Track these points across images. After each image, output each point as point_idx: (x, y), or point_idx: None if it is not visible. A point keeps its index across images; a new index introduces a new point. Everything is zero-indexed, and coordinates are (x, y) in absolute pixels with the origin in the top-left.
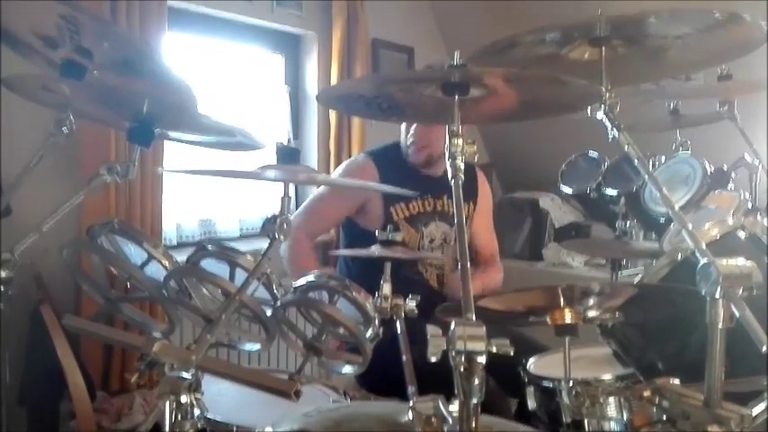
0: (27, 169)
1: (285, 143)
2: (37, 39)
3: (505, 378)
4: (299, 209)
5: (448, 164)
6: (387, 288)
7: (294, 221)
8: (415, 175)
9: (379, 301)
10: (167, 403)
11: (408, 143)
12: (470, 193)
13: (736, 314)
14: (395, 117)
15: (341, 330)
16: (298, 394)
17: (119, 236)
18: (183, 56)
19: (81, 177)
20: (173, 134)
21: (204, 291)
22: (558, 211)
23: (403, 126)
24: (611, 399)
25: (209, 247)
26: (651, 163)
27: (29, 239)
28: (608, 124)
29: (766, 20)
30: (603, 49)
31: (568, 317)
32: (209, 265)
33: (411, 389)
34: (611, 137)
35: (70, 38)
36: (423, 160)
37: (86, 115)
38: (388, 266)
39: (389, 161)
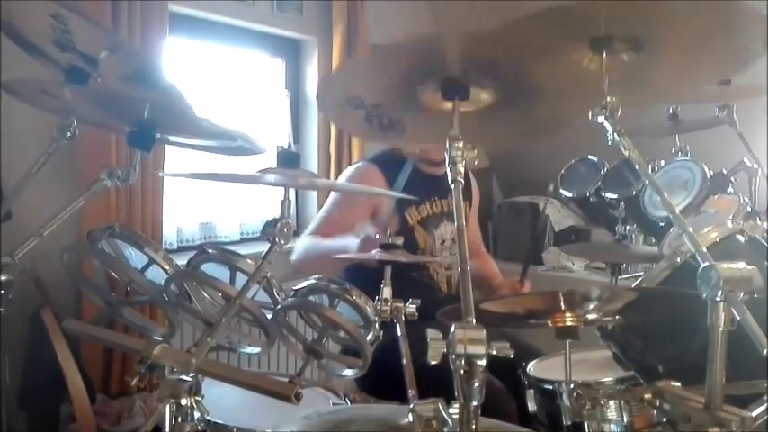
0: (29, 174)
1: (285, 147)
2: (47, 40)
3: (505, 382)
4: (312, 223)
5: (448, 169)
6: (387, 292)
7: (306, 231)
8: (420, 176)
9: (379, 304)
10: (167, 406)
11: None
12: (466, 193)
13: (737, 317)
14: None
15: (341, 334)
16: (298, 397)
17: (119, 240)
18: (184, 61)
19: (82, 182)
20: (173, 138)
21: (205, 294)
22: (558, 215)
23: None
24: (612, 401)
25: (210, 250)
26: (651, 168)
27: (29, 244)
28: (608, 129)
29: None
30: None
31: (569, 320)
32: (209, 268)
33: (411, 392)
34: (610, 141)
35: (61, 36)
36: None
37: (87, 120)
38: (388, 270)
39: (392, 165)
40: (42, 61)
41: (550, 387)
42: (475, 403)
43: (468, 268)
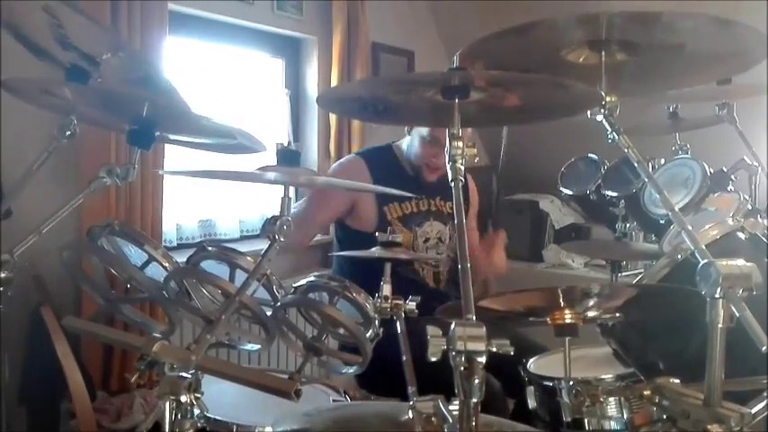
0: (29, 172)
1: (285, 145)
2: (49, 38)
3: (504, 379)
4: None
5: (448, 167)
6: (387, 289)
7: None
8: (407, 176)
9: (378, 301)
10: (167, 403)
11: (423, 143)
12: (464, 195)
13: (736, 314)
14: (391, 120)
15: (341, 331)
16: (298, 394)
17: (119, 237)
18: (184, 60)
19: (81, 180)
20: (173, 136)
21: (204, 291)
22: (558, 213)
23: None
24: (612, 398)
25: (210, 248)
26: (651, 166)
27: (28, 241)
28: (607, 127)
29: (766, 22)
30: (603, 53)
31: (568, 317)
32: (209, 266)
33: (411, 388)
34: (610, 140)
35: (57, 32)
36: (433, 165)
37: (87, 119)
38: (387, 267)
39: (381, 161)
40: (44, 59)
41: (550, 384)
42: (475, 400)
43: (469, 266)
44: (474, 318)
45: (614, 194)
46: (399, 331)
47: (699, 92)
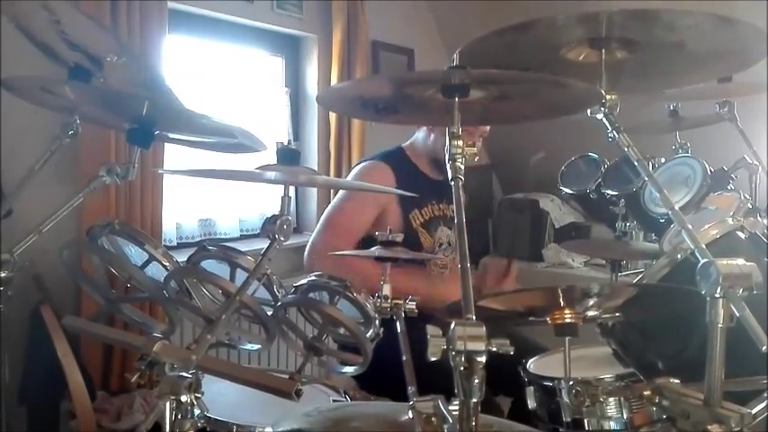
0: (32, 172)
1: (285, 144)
2: (55, 37)
3: (501, 377)
4: (317, 227)
5: (448, 166)
6: (386, 288)
7: (317, 241)
8: (424, 179)
9: (379, 301)
10: (167, 403)
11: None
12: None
13: (736, 314)
14: (391, 118)
15: (341, 330)
16: (298, 394)
17: (119, 237)
18: (184, 58)
19: (81, 179)
20: (172, 135)
21: (204, 291)
22: (558, 212)
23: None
24: (612, 398)
25: (210, 247)
26: (651, 164)
27: (28, 240)
28: (608, 126)
29: (766, 21)
30: (603, 51)
31: (568, 316)
32: (209, 265)
33: (411, 389)
34: (610, 138)
35: (58, 31)
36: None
37: (86, 117)
38: (387, 267)
39: (401, 167)
40: (50, 57)
41: (550, 384)
42: (475, 400)
43: (468, 266)
44: (474, 317)
45: (614, 193)
46: (399, 331)
47: (699, 90)
